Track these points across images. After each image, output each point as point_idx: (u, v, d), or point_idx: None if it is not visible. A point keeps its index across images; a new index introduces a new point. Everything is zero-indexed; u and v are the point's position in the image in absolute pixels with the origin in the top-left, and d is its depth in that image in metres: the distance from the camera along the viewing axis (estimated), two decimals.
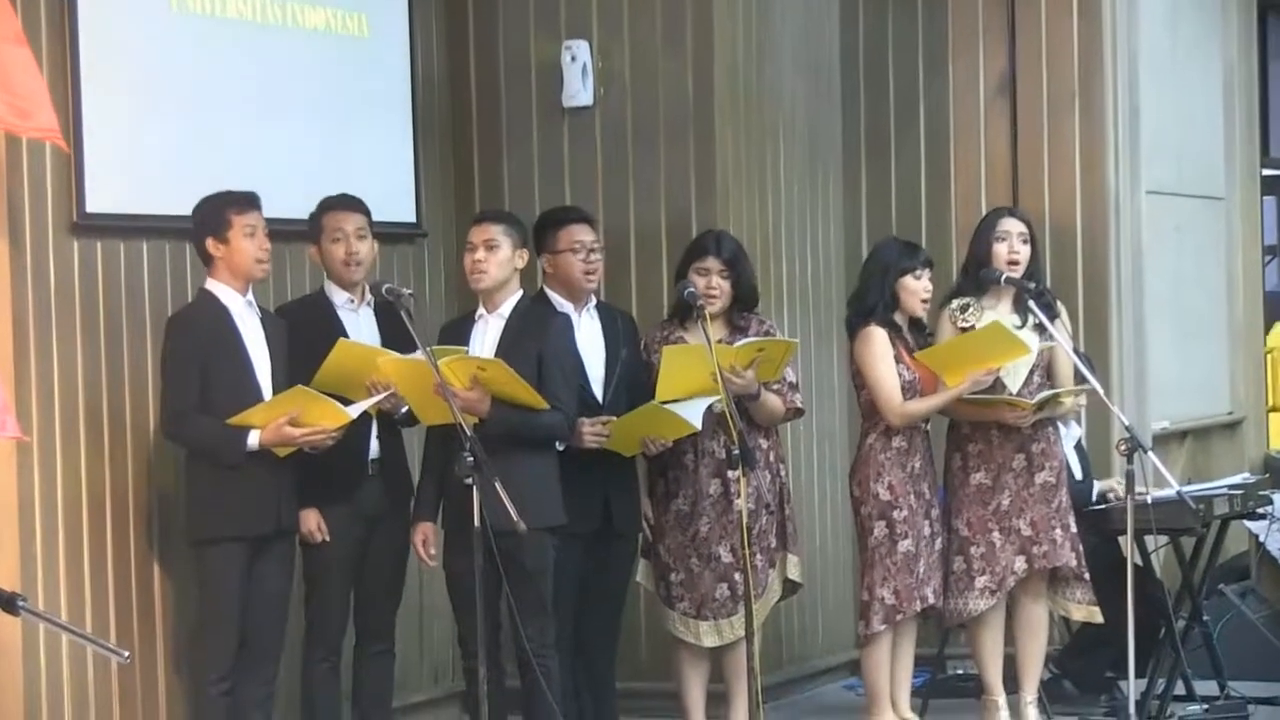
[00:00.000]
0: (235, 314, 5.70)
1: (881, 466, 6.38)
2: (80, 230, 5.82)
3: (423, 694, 7.05)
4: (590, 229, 6.22)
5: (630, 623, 6.68)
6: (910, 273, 6.42)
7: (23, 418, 5.54)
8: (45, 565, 5.67)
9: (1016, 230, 6.48)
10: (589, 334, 6.18)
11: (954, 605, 6.50)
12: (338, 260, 5.97)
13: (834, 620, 7.67)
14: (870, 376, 6.38)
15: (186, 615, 5.94)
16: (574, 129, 7.25)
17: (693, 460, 6.29)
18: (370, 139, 6.87)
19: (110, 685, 5.84)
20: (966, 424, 6.52)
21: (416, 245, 7.18)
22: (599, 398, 6.15)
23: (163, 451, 5.93)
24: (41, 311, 5.70)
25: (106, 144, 5.89)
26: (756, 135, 7.34)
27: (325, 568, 5.93)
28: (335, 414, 5.62)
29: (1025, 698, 6.58)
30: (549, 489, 5.87)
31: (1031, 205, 7.53)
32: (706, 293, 6.19)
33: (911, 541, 6.37)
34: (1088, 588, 6.50)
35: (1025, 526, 6.45)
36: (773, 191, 7.42)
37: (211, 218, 5.69)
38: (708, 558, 6.28)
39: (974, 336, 6.35)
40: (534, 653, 5.74)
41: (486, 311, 5.96)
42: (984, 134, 7.86)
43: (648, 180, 7.16)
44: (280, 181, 6.21)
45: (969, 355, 6.33)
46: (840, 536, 7.63)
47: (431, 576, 6.33)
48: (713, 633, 6.30)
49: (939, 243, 7.65)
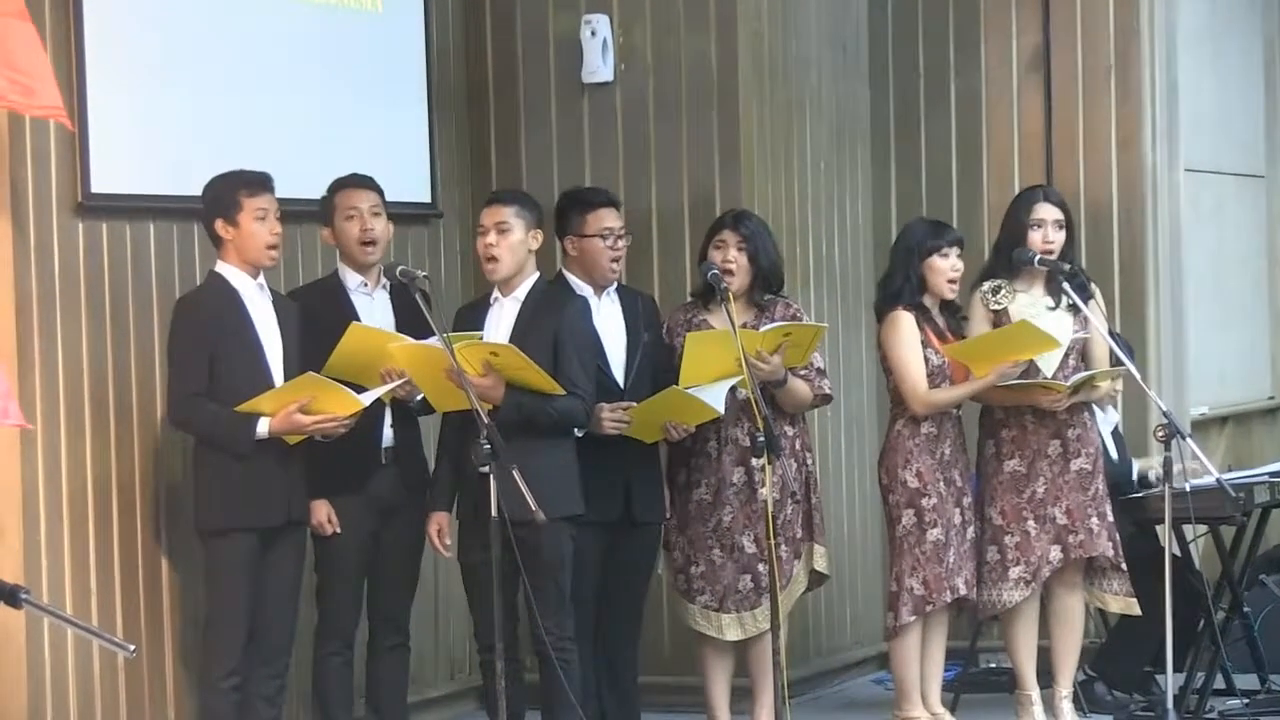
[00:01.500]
0: (246, 297, 5.62)
1: (910, 453, 6.28)
2: (85, 211, 5.76)
3: (439, 689, 7.00)
4: (617, 214, 6.15)
5: (653, 615, 6.62)
6: (937, 252, 6.33)
7: (26, 405, 5.48)
8: (50, 556, 5.62)
9: (1052, 218, 6.39)
10: (609, 317, 6.09)
11: (987, 596, 6.42)
12: (352, 240, 5.87)
13: (862, 612, 7.62)
14: (896, 362, 6.29)
15: (194, 608, 5.88)
16: (594, 106, 7.18)
17: (716, 448, 6.19)
18: (384, 117, 6.81)
19: (116, 680, 5.79)
20: (1000, 409, 6.45)
21: (431, 226, 7.12)
22: (620, 383, 6.06)
23: (170, 439, 5.88)
24: (46, 295, 5.63)
25: (113, 122, 5.83)
26: (782, 112, 7.26)
27: (337, 559, 5.86)
28: (347, 401, 5.54)
29: (1060, 692, 6.49)
30: (568, 477, 5.78)
31: (1066, 184, 7.47)
32: (723, 266, 6.08)
33: (941, 530, 6.27)
34: (1125, 578, 6.42)
35: (1061, 515, 6.37)
36: (799, 170, 7.36)
37: (222, 198, 5.61)
38: (730, 548, 6.18)
39: (1002, 334, 6.29)
40: (553, 646, 5.67)
41: (502, 295, 5.89)
42: (1017, 110, 7.78)
43: (670, 159, 7.10)
44: (290, 160, 6.14)
45: (997, 350, 6.26)
46: (869, 526, 7.56)
47: (447, 568, 6.26)
48: (735, 625, 6.20)
49: (970, 222, 7.59)
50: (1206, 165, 8.21)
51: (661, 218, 7.08)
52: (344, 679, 5.89)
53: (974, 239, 7.29)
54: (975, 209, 7.69)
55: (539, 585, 5.60)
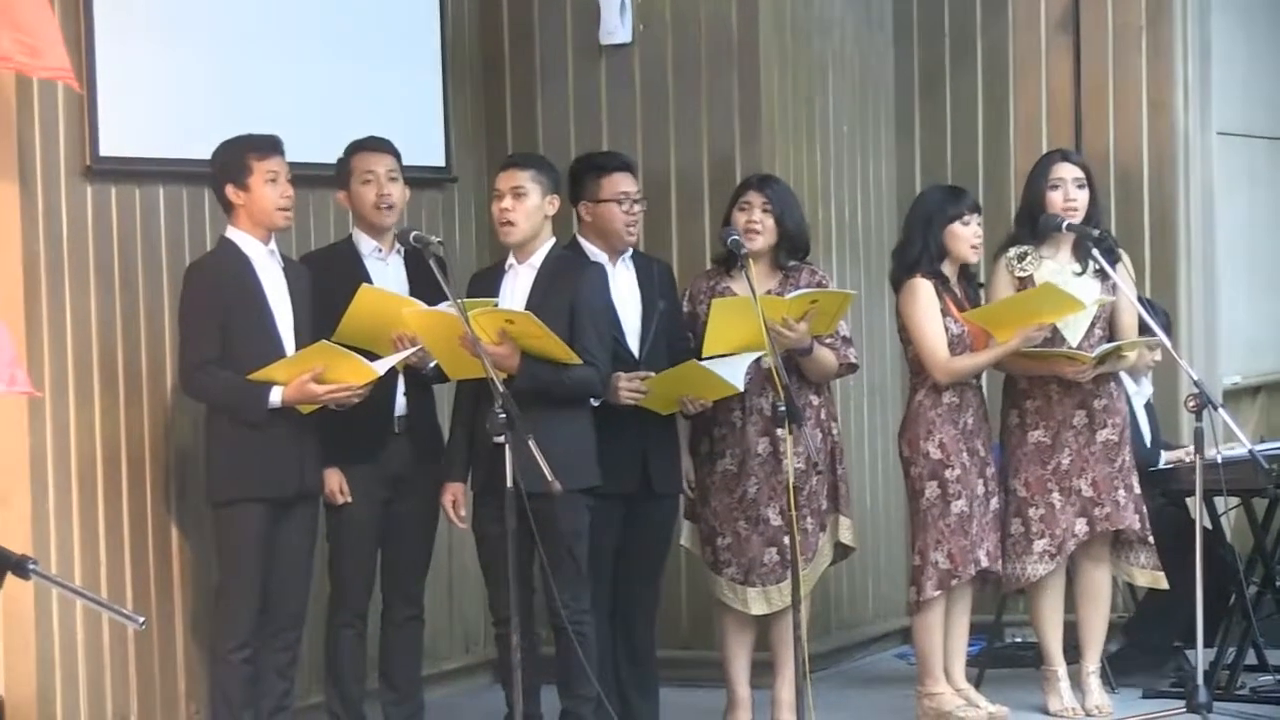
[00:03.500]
0: (257, 263, 5.57)
1: (932, 424, 6.19)
2: (94, 175, 5.71)
3: (453, 662, 6.98)
4: (633, 178, 6.07)
5: (671, 588, 6.60)
6: (958, 219, 6.25)
7: (34, 372, 5.44)
8: (58, 526, 5.58)
9: (1071, 176, 6.29)
10: (624, 284, 6.01)
11: (1012, 570, 6.35)
12: (368, 204, 5.80)
13: (885, 586, 7.56)
14: (915, 331, 6.21)
15: (206, 579, 5.85)
16: (611, 68, 7.11)
17: (740, 418, 6.11)
18: (397, 79, 6.74)
19: (126, 652, 5.76)
20: (1024, 379, 6.37)
21: (446, 191, 7.07)
22: (635, 352, 5.98)
23: (181, 407, 5.84)
24: (53, 260, 5.59)
25: (121, 84, 5.77)
26: (804, 72, 7.19)
27: (348, 530, 5.81)
28: (361, 370, 5.49)
29: (1087, 667, 6.43)
30: (584, 448, 5.72)
31: (1095, 148, 7.40)
32: (748, 228, 5.97)
33: (965, 502, 6.21)
34: (1152, 552, 6.35)
35: (1086, 487, 6.30)
36: (821, 132, 7.29)
37: (231, 163, 5.55)
38: (756, 520, 6.11)
39: (1025, 297, 6.21)
40: (569, 619, 5.62)
41: (517, 262, 5.81)
42: (1045, 71, 7.67)
43: (689, 121, 7.03)
44: (302, 124, 6.08)
45: (1020, 314, 6.18)
46: (893, 498, 7.49)
47: (462, 540, 6.20)
48: (761, 600, 6.13)
49: (997, 187, 7.53)
50: (1239, 129, 8.12)
51: (681, 182, 7.01)
52: (357, 652, 5.85)
53: (1001, 203, 7.24)
54: (1002, 173, 7.61)
55: (555, 557, 5.54)
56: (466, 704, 6.72)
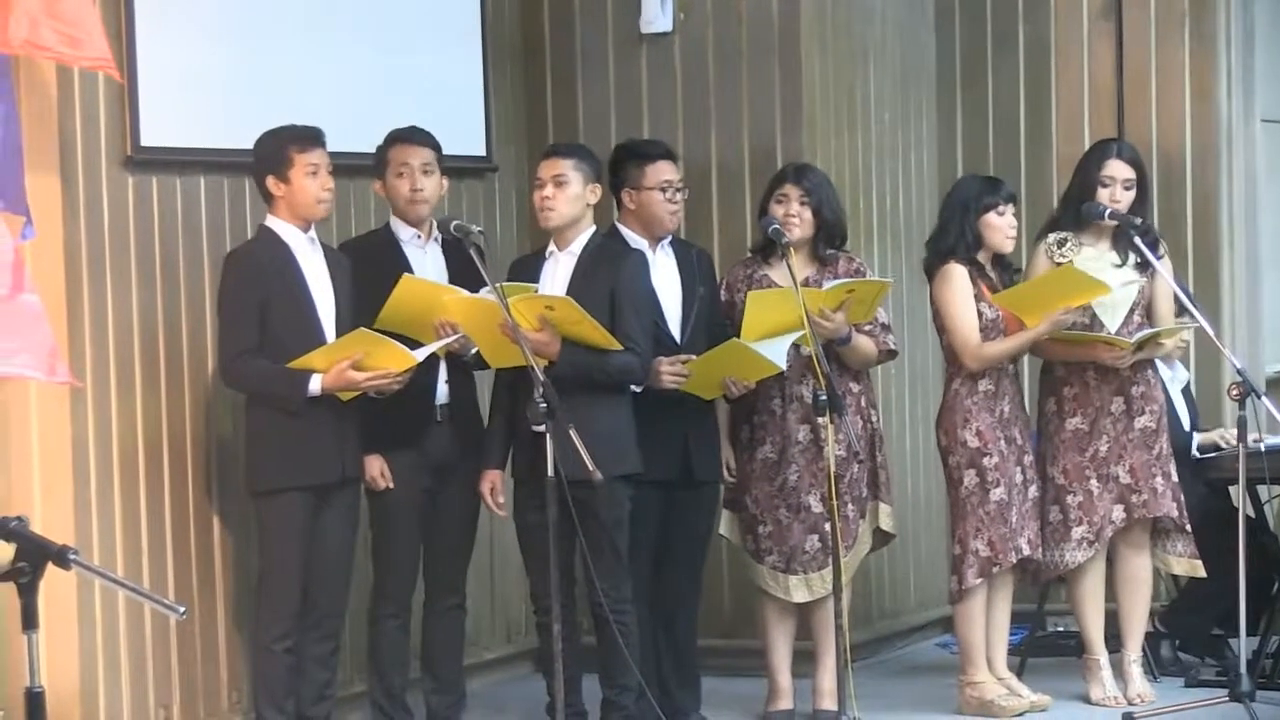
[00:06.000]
0: (297, 251, 5.57)
1: (969, 412, 6.16)
2: (135, 165, 5.70)
3: (495, 651, 6.95)
4: (674, 166, 6.08)
5: (712, 576, 6.54)
6: (994, 209, 6.22)
7: (75, 362, 5.45)
8: (100, 515, 5.58)
9: (1123, 176, 6.27)
10: (665, 271, 5.99)
11: (1051, 557, 6.32)
12: (401, 196, 5.82)
13: (926, 575, 7.51)
14: (948, 316, 6.20)
15: (247, 568, 5.84)
16: (652, 57, 7.07)
17: (780, 405, 6.08)
18: (438, 68, 6.71)
19: (168, 642, 5.75)
20: (1061, 366, 6.34)
21: (486, 180, 7.04)
22: (676, 338, 5.95)
23: (222, 396, 5.83)
24: (95, 250, 5.59)
25: (162, 74, 5.76)
26: (846, 61, 7.14)
27: (390, 517, 5.80)
28: (401, 357, 5.47)
29: (1129, 656, 6.38)
30: (625, 435, 5.70)
31: (1138, 135, 7.32)
32: (786, 220, 5.96)
33: (1004, 490, 6.18)
34: (1189, 540, 6.31)
35: (1124, 474, 6.27)
36: (862, 121, 7.24)
37: (273, 155, 5.55)
38: (797, 508, 6.09)
39: (1047, 279, 6.18)
40: (610, 608, 5.61)
41: (558, 249, 5.79)
42: (1087, 59, 7.60)
43: (730, 110, 6.99)
44: (343, 113, 6.07)
45: (1045, 297, 6.14)
46: (933, 486, 7.44)
47: (504, 529, 6.18)
48: (802, 587, 6.11)
49: (1038, 176, 7.48)
50: None
51: (721, 171, 6.98)
52: (399, 642, 5.83)
53: (1043, 191, 7.19)
54: (1044, 160, 7.54)
55: (596, 546, 5.53)
56: (508, 693, 6.71)
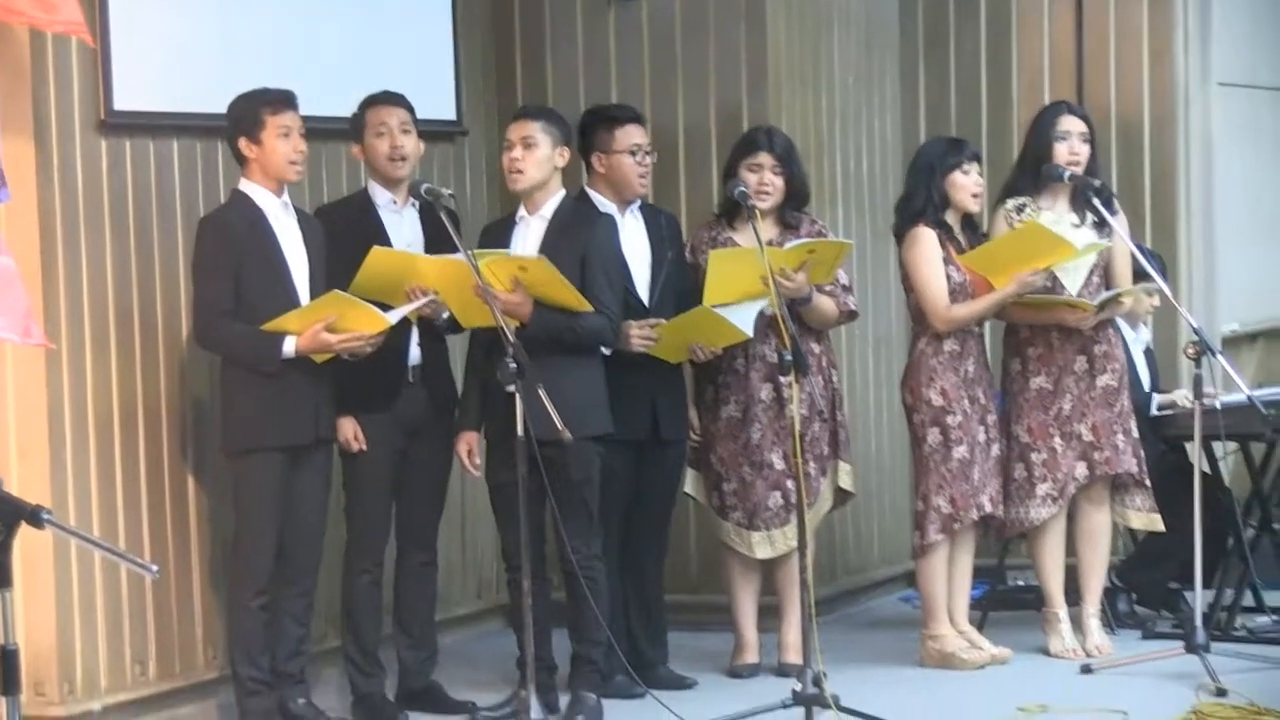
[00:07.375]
0: (270, 215, 5.58)
1: (934, 371, 6.24)
2: (108, 129, 5.70)
3: (466, 607, 6.99)
4: (644, 130, 6.11)
5: (679, 534, 6.60)
6: (958, 168, 6.28)
7: (50, 324, 5.46)
8: (76, 476, 5.59)
9: (1078, 130, 6.33)
10: (633, 234, 6.04)
11: (1015, 514, 6.39)
12: (382, 156, 5.83)
13: (889, 531, 7.57)
14: (917, 279, 6.25)
15: (223, 527, 5.86)
16: (620, 20, 7.09)
17: (744, 365, 6.16)
18: (408, 33, 6.71)
19: (144, 601, 5.77)
20: (1025, 327, 6.40)
21: (457, 144, 7.04)
22: (644, 301, 6.00)
23: (196, 358, 5.84)
24: (69, 214, 5.59)
25: (135, 38, 5.75)
26: (811, 25, 7.16)
27: (364, 477, 5.84)
28: (373, 320, 5.51)
29: (1088, 609, 6.47)
30: (595, 396, 5.75)
31: (1097, 99, 7.37)
32: (759, 190, 6.03)
33: (966, 448, 6.25)
34: (1148, 495, 6.39)
35: (1086, 432, 6.34)
36: (826, 85, 7.26)
37: (245, 117, 5.57)
38: (760, 465, 6.16)
39: (1011, 237, 6.23)
40: (580, 565, 5.66)
41: (528, 213, 5.83)
42: (1048, 23, 7.65)
43: (697, 75, 7.01)
44: (314, 77, 6.07)
45: (1011, 256, 6.19)
46: (896, 444, 7.51)
47: (475, 487, 6.23)
48: (765, 543, 6.18)
49: (1000, 139, 7.50)
50: (1240, 79, 8.07)
51: (688, 134, 7.00)
52: (373, 598, 5.89)
53: (1004, 155, 7.22)
54: (1005, 124, 7.58)
55: (566, 504, 5.58)
56: (479, 648, 6.75)
